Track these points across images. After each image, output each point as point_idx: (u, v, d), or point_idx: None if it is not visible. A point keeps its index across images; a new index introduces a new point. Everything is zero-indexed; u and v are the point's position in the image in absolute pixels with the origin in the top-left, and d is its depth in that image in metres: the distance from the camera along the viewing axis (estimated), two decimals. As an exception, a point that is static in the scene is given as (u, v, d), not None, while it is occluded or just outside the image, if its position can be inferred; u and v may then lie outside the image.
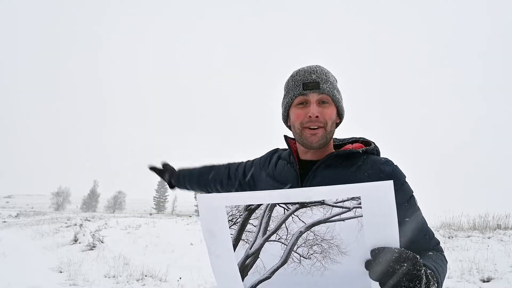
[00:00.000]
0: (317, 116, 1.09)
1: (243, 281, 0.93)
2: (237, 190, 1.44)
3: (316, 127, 1.09)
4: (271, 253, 0.90)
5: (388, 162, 1.11)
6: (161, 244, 10.92)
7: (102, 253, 8.95)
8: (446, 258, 1.07)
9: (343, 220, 0.84)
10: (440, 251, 1.08)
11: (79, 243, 10.51)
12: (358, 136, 1.28)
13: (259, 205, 0.90)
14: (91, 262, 7.96)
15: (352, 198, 0.82)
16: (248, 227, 0.91)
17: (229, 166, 1.52)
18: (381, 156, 1.19)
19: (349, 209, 0.83)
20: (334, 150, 1.20)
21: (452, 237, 9.77)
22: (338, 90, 1.16)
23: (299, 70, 1.16)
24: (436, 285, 0.88)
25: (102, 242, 10.15)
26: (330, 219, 0.85)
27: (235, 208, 0.91)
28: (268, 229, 0.90)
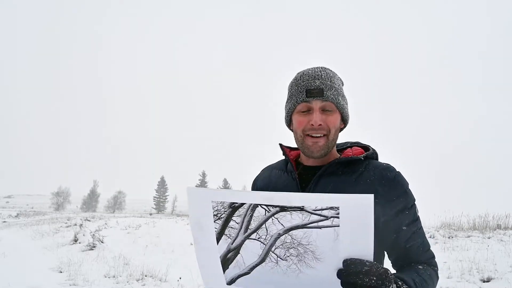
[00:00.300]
0: (320, 124, 1.05)
1: (224, 273, 0.98)
2: None
3: (318, 135, 1.07)
4: (251, 250, 0.94)
5: (389, 168, 1.09)
6: (161, 244, 10.93)
7: (102, 253, 8.95)
8: (438, 274, 1.06)
9: (319, 227, 0.86)
10: (433, 265, 1.06)
11: (79, 243, 10.51)
12: (353, 141, 1.26)
13: (242, 204, 0.94)
14: (91, 262, 7.96)
15: (331, 208, 0.85)
16: (231, 223, 0.95)
17: None
18: (380, 160, 1.18)
19: (327, 218, 0.85)
20: (337, 155, 1.18)
21: (452, 237, 9.77)
22: (343, 96, 1.13)
23: (303, 73, 1.12)
24: None
25: (102, 242, 10.15)
26: (308, 225, 0.88)
27: (220, 204, 0.96)
28: (249, 227, 0.94)
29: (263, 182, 1.25)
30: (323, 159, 1.13)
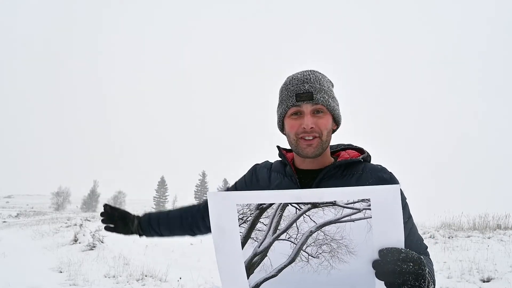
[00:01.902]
0: (312, 127, 1.07)
1: (248, 278, 0.95)
2: None
3: (311, 138, 1.08)
4: (280, 251, 0.92)
5: (384, 169, 1.12)
6: (161, 244, 10.92)
7: (102, 253, 8.95)
8: (432, 260, 1.12)
9: (353, 220, 0.87)
10: (428, 255, 1.13)
11: (79, 243, 10.51)
12: (345, 143, 1.27)
13: (271, 204, 0.92)
14: (91, 262, 7.96)
15: (362, 200, 0.86)
16: (259, 225, 0.93)
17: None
18: (378, 161, 1.20)
19: (359, 210, 0.86)
20: (331, 158, 1.19)
21: (452, 237, 9.78)
22: (333, 98, 1.14)
23: (292, 77, 1.13)
24: (433, 285, 0.93)
25: (102, 242, 10.15)
26: (341, 220, 0.87)
27: (247, 207, 0.93)
28: (279, 228, 0.92)
29: (263, 182, 1.24)
30: (318, 162, 1.14)
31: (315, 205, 0.89)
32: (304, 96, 1.08)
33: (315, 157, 1.10)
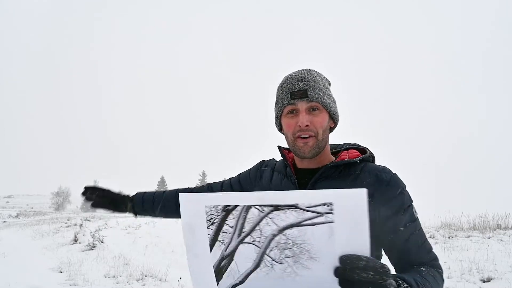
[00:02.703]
0: (307, 125, 1.06)
1: (218, 284, 0.93)
2: None
3: (307, 136, 1.07)
4: (245, 255, 0.90)
5: (385, 169, 1.09)
6: (161, 244, 10.92)
7: (102, 253, 8.95)
8: (443, 277, 1.02)
9: (314, 224, 0.84)
10: (437, 267, 1.03)
11: (79, 243, 10.50)
12: (352, 142, 1.25)
13: (235, 206, 0.90)
14: (91, 262, 7.96)
15: (325, 204, 0.82)
16: (225, 227, 0.92)
17: (211, 186, 1.42)
18: (379, 161, 1.18)
19: (321, 214, 0.83)
20: (331, 157, 1.18)
21: (452, 237, 9.77)
22: (329, 95, 1.12)
23: (288, 77, 1.13)
24: None
25: (102, 242, 10.15)
26: (302, 223, 0.85)
27: (214, 208, 0.92)
28: (243, 230, 0.90)
29: (264, 181, 1.25)
30: (317, 162, 1.14)
31: (277, 208, 0.87)
32: (299, 94, 1.07)
33: (312, 157, 1.09)
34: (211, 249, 0.93)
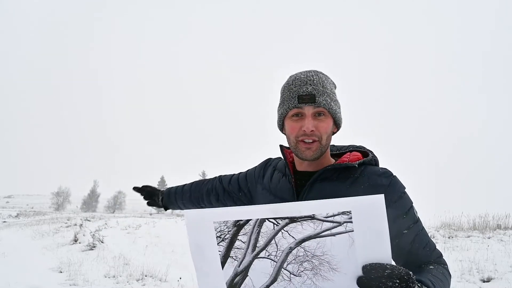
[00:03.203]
0: (312, 130, 1.06)
1: None
2: (235, 203, 1.41)
3: (311, 141, 1.07)
4: (261, 270, 0.87)
5: (385, 173, 1.09)
6: (161, 244, 10.92)
7: (102, 253, 8.95)
8: (449, 271, 1.04)
9: (333, 235, 0.82)
10: (443, 264, 1.05)
11: (79, 243, 10.50)
12: (357, 144, 1.25)
13: (248, 221, 0.87)
14: (91, 262, 7.96)
15: (343, 213, 0.81)
16: (237, 243, 0.89)
17: (221, 179, 1.49)
18: (381, 162, 1.18)
19: (340, 224, 0.81)
20: (331, 160, 1.18)
21: (452, 237, 9.77)
22: (335, 101, 1.12)
23: (295, 78, 1.11)
24: None
25: (102, 242, 10.15)
26: (321, 234, 0.82)
27: (224, 224, 0.89)
28: (257, 245, 0.87)
29: (266, 179, 1.26)
30: (316, 164, 1.14)
31: (293, 220, 0.84)
32: (307, 98, 1.05)
33: (314, 160, 1.10)
34: (222, 266, 0.90)
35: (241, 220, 0.88)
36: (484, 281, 5.74)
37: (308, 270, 0.84)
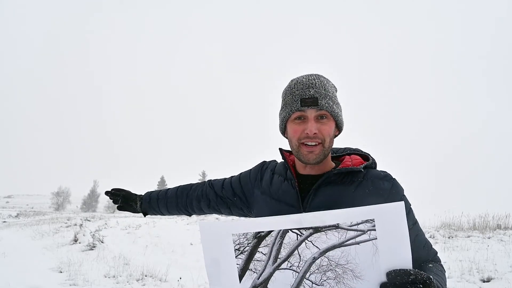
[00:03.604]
0: (315, 133, 1.07)
1: None
2: (229, 208, 1.37)
3: (314, 144, 1.07)
4: (281, 282, 0.87)
5: (386, 176, 1.11)
6: (161, 244, 10.92)
7: (102, 253, 8.95)
8: (444, 267, 1.09)
9: (358, 243, 0.82)
10: (438, 261, 1.10)
11: (79, 243, 10.50)
12: (352, 147, 1.26)
13: (269, 232, 0.86)
14: (91, 262, 7.96)
15: (366, 221, 0.82)
16: (257, 255, 0.88)
17: (212, 183, 1.43)
18: (380, 163, 1.19)
19: (364, 232, 0.82)
20: (332, 163, 1.18)
21: (452, 237, 9.77)
22: (337, 104, 1.13)
23: (297, 81, 1.12)
24: None
25: (102, 242, 10.15)
26: (345, 243, 0.83)
27: (243, 236, 0.88)
28: (279, 257, 0.86)
29: (265, 183, 1.24)
30: (318, 168, 1.14)
31: (317, 230, 0.84)
32: (309, 101, 1.06)
33: (317, 163, 1.10)
34: (240, 279, 0.88)
35: (262, 232, 0.87)
36: (484, 281, 5.74)
37: (331, 279, 0.84)
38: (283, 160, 1.24)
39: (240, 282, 0.88)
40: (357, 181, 1.09)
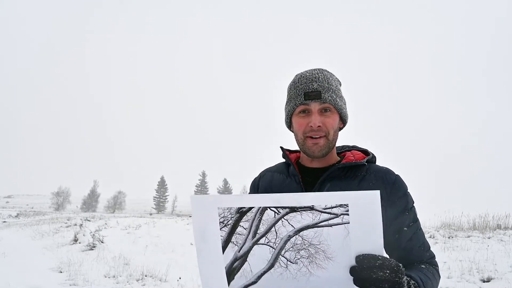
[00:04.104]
0: (319, 126, 1.09)
1: (229, 285, 0.94)
2: None
3: (318, 136, 1.10)
4: (259, 256, 0.92)
5: (389, 171, 1.13)
6: (161, 244, 10.92)
7: (102, 253, 8.95)
8: (440, 273, 1.10)
9: (330, 226, 0.87)
10: (434, 265, 1.10)
11: (79, 243, 10.51)
12: (350, 145, 1.28)
13: (250, 208, 0.92)
14: (91, 262, 7.96)
15: (340, 205, 0.86)
16: (239, 229, 0.93)
17: None
18: (381, 162, 1.21)
19: (337, 216, 0.86)
20: (337, 157, 1.21)
21: (452, 237, 9.78)
22: (341, 97, 1.15)
23: (301, 76, 1.15)
24: None
25: (102, 242, 10.15)
26: (319, 224, 0.87)
27: (227, 210, 0.93)
28: (258, 232, 0.92)
29: (265, 186, 1.25)
30: (324, 161, 1.16)
31: (293, 209, 0.88)
32: (313, 95, 1.09)
33: (322, 156, 1.12)
34: (223, 251, 0.94)
35: (244, 208, 0.92)
36: (484, 281, 5.74)
37: (304, 258, 0.89)
38: (284, 159, 1.26)
39: (223, 253, 0.94)
40: (361, 175, 1.12)
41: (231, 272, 0.94)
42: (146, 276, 6.73)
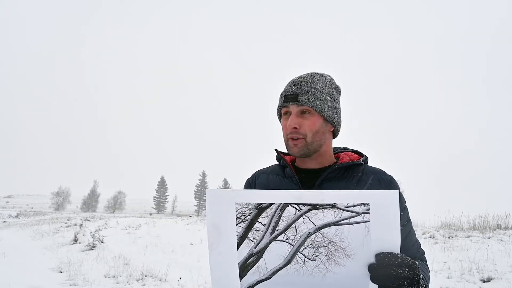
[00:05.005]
0: (295, 128, 1.11)
1: (241, 280, 0.92)
2: None
3: (296, 138, 1.11)
4: (276, 253, 0.91)
5: (383, 172, 1.17)
6: (161, 244, 10.93)
7: (102, 253, 8.95)
8: (429, 267, 1.15)
9: (351, 224, 0.88)
10: (425, 261, 1.16)
11: (79, 243, 10.52)
12: (341, 147, 1.29)
13: (270, 204, 0.91)
14: (91, 262, 7.96)
15: (362, 204, 0.88)
16: (256, 225, 0.92)
17: None
18: (378, 163, 1.23)
19: (358, 214, 0.88)
20: (333, 158, 1.21)
21: (452, 237, 9.77)
22: (323, 100, 1.12)
23: (290, 80, 1.19)
24: None
25: (102, 242, 10.16)
26: (340, 222, 0.89)
27: (246, 206, 0.92)
28: (277, 228, 0.91)
29: (262, 187, 1.25)
30: (318, 163, 1.17)
31: (315, 207, 0.89)
32: (290, 97, 1.12)
33: (301, 156, 1.14)
34: (238, 247, 0.92)
35: (264, 203, 0.91)
36: (484, 281, 5.74)
37: (323, 255, 0.90)
38: (278, 162, 1.27)
39: (237, 249, 0.92)
40: (358, 175, 1.14)
41: (244, 268, 0.92)
42: (146, 276, 6.73)
